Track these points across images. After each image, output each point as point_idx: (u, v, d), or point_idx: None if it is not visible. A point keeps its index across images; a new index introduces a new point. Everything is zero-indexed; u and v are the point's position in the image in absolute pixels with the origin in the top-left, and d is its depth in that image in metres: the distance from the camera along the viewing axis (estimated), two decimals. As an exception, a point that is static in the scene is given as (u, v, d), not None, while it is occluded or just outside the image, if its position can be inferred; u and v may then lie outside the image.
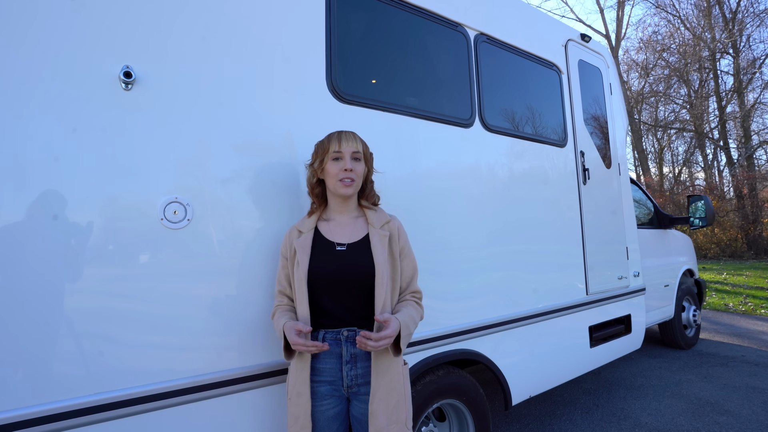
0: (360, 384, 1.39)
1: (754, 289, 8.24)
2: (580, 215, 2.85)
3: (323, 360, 1.40)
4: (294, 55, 1.72)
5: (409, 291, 1.50)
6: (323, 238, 1.47)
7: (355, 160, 1.45)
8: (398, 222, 1.54)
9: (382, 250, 1.43)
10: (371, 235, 1.46)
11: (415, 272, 1.53)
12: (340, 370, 1.39)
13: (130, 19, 1.40)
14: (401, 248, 1.50)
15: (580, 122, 2.99)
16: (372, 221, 1.49)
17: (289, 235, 1.49)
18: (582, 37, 3.15)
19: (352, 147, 1.45)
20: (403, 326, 1.34)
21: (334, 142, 1.44)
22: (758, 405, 3.20)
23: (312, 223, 1.49)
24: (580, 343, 2.76)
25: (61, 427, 1.20)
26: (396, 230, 1.50)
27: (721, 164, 18.76)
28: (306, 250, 1.42)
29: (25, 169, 1.21)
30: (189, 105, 1.47)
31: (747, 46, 16.51)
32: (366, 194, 1.55)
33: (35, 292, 1.20)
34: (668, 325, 4.57)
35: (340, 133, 1.47)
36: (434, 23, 2.20)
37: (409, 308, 1.43)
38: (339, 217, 1.51)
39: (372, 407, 1.34)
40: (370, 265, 1.40)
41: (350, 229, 1.49)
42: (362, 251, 1.43)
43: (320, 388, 1.38)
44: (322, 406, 1.37)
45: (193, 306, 1.42)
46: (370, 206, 1.54)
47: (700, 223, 4.51)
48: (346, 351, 1.39)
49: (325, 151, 1.45)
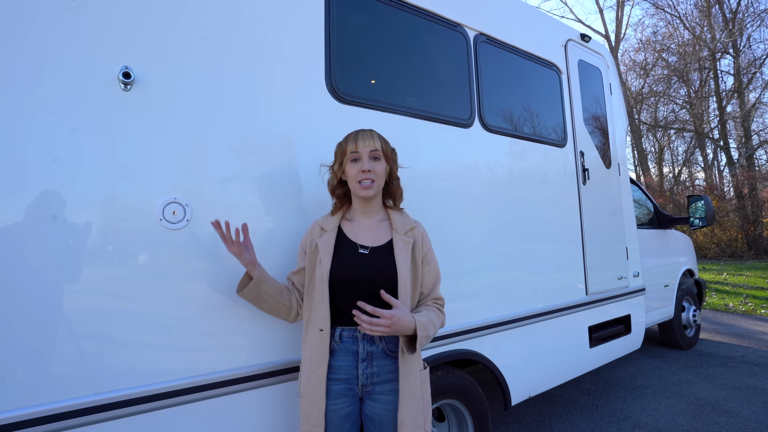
0: (375, 383, 1.38)
1: (754, 289, 8.24)
2: (579, 215, 2.85)
3: (339, 357, 1.39)
4: (293, 55, 1.72)
5: (431, 297, 1.47)
6: (346, 238, 1.45)
7: (374, 159, 1.42)
8: (422, 228, 1.52)
9: (406, 257, 1.41)
10: (395, 241, 1.44)
11: (438, 279, 1.51)
12: (356, 368, 1.38)
13: (130, 20, 1.40)
14: (424, 254, 1.48)
15: (580, 122, 2.99)
16: (396, 227, 1.46)
17: (311, 231, 1.48)
18: (582, 37, 3.15)
19: (370, 146, 1.41)
20: (420, 326, 1.29)
21: (351, 143, 1.42)
22: (758, 405, 3.20)
23: (336, 222, 1.48)
24: (579, 344, 2.76)
25: (61, 427, 1.20)
26: (420, 237, 1.48)
27: (721, 164, 18.79)
28: (329, 249, 1.41)
29: (25, 170, 1.21)
30: (188, 105, 1.47)
31: (747, 46, 16.52)
32: (392, 192, 1.52)
33: (35, 292, 1.20)
34: (668, 325, 4.57)
35: (357, 132, 1.45)
36: (434, 23, 2.20)
37: (430, 312, 1.40)
38: (362, 218, 1.49)
39: (401, 416, 1.33)
40: (393, 272, 1.39)
41: (374, 232, 1.47)
42: (385, 257, 1.41)
43: (334, 386, 1.37)
44: (335, 405, 1.36)
45: (192, 306, 1.42)
46: (396, 209, 1.52)
47: (700, 223, 4.50)
48: (363, 349, 1.39)
49: (343, 152, 1.44)
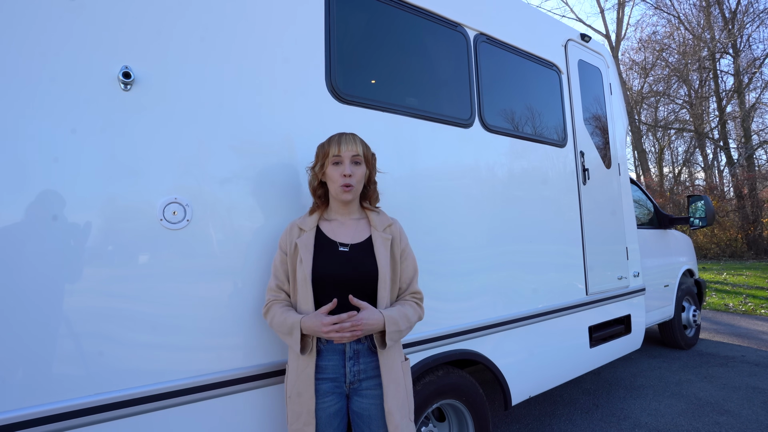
0: (362, 379, 1.41)
1: (754, 289, 8.24)
2: (579, 215, 2.85)
3: (326, 357, 1.40)
4: (294, 55, 1.72)
5: (409, 292, 1.51)
6: (325, 237, 1.47)
7: (355, 163, 1.45)
8: (399, 225, 1.56)
9: (385, 253, 1.45)
10: (374, 237, 1.47)
11: (416, 273, 1.55)
12: (343, 366, 1.41)
13: (130, 20, 1.40)
14: (402, 250, 1.52)
15: (580, 122, 2.99)
16: (375, 224, 1.50)
17: (289, 231, 1.49)
18: (582, 37, 3.15)
19: (352, 150, 1.44)
20: (389, 321, 1.36)
21: (333, 146, 1.45)
22: (758, 405, 3.20)
23: (314, 222, 1.49)
24: (579, 344, 2.76)
25: (62, 427, 1.20)
26: (398, 233, 1.53)
27: (721, 164, 18.79)
28: (309, 248, 1.43)
29: (25, 170, 1.21)
30: (188, 105, 1.47)
31: (747, 46, 16.52)
32: (368, 195, 1.56)
33: (35, 292, 1.20)
34: (668, 325, 4.57)
35: (341, 136, 1.47)
36: (434, 23, 2.20)
37: (405, 306, 1.45)
38: (341, 218, 1.52)
39: (387, 406, 1.37)
40: (373, 268, 1.42)
41: (352, 229, 1.50)
42: (365, 253, 1.45)
43: (322, 385, 1.39)
44: (324, 404, 1.38)
45: (192, 306, 1.42)
46: (372, 208, 1.56)
47: (700, 223, 4.50)
48: (349, 347, 1.41)
49: (325, 154, 1.46)
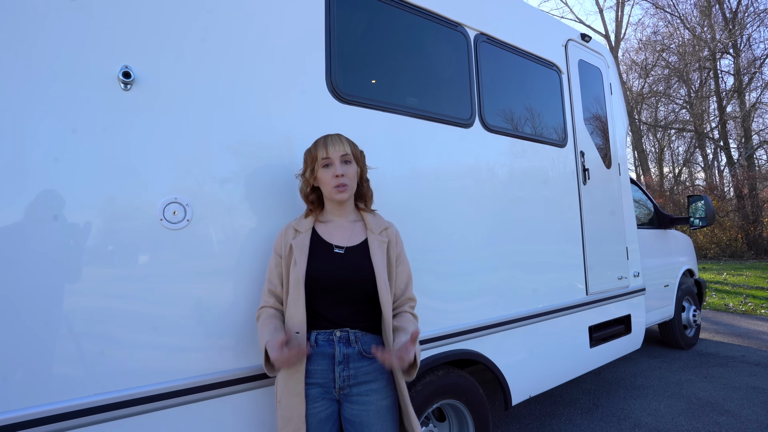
0: (352, 385, 1.38)
1: (754, 289, 8.24)
2: (580, 215, 2.85)
3: (315, 362, 1.37)
4: (293, 55, 1.72)
5: (405, 297, 1.50)
6: (321, 239, 1.46)
7: (345, 163, 1.44)
8: (396, 229, 1.55)
9: (381, 256, 1.43)
10: (370, 240, 1.46)
11: (410, 279, 1.53)
12: (332, 371, 1.37)
13: (130, 20, 1.39)
14: (398, 255, 1.51)
15: (580, 122, 2.99)
16: (371, 226, 1.49)
17: (285, 233, 1.48)
18: (582, 36, 3.15)
19: (340, 151, 1.43)
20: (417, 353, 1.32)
21: (321, 149, 1.43)
22: (758, 405, 3.20)
23: (309, 224, 1.48)
24: (580, 343, 2.76)
25: (62, 427, 1.19)
26: (394, 237, 1.51)
27: (721, 164, 18.79)
28: (304, 250, 1.41)
29: (25, 169, 1.21)
30: (188, 105, 1.47)
31: (747, 46, 16.52)
32: (363, 194, 1.55)
33: (35, 292, 1.20)
34: (668, 325, 4.57)
35: (326, 138, 1.46)
36: (434, 23, 2.20)
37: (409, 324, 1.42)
38: (337, 219, 1.51)
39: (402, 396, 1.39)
40: (370, 271, 1.40)
41: (348, 232, 1.48)
42: (361, 256, 1.43)
43: (311, 390, 1.36)
44: (314, 409, 1.35)
45: (193, 306, 1.42)
46: (369, 210, 1.55)
47: (700, 223, 4.50)
48: (339, 352, 1.38)
49: (314, 159, 1.44)
